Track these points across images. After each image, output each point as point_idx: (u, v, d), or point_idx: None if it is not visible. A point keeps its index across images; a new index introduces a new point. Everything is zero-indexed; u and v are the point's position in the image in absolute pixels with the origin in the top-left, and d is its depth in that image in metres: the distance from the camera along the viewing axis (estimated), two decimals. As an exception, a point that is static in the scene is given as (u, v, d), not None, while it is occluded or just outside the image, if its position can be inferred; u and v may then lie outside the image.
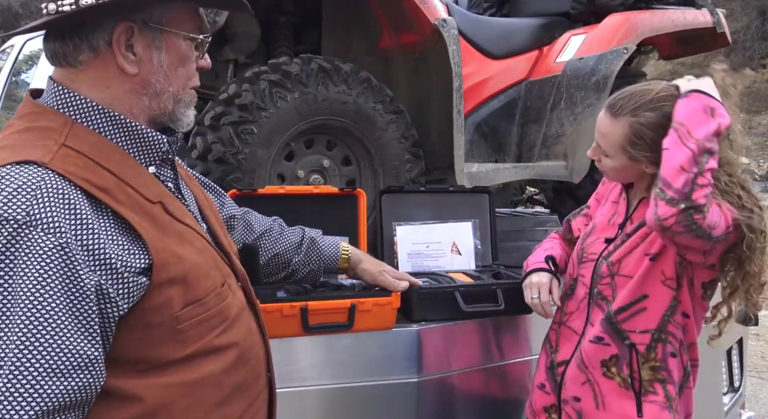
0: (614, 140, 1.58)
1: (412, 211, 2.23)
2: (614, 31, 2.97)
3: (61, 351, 0.85)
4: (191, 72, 1.10)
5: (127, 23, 1.00)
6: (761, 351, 5.34)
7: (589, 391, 1.65)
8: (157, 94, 1.05)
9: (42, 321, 0.84)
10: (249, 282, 1.22)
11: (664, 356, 1.60)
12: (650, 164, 1.55)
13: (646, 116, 1.54)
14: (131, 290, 0.93)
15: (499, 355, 1.98)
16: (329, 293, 1.79)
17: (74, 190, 0.91)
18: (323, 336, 1.73)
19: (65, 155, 0.94)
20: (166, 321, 0.97)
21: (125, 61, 1.01)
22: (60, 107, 1.00)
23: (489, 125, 3.00)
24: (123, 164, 1.00)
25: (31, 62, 3.79)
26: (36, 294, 0.84)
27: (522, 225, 3.33)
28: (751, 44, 15.86)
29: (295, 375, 1.70)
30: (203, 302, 1.02)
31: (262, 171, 2.24)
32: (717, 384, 2.70)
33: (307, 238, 1.70)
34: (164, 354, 0.98)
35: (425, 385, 1.82)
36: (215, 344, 1.04)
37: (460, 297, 1.87)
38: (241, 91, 2.23)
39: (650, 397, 1.60)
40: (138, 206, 0.97)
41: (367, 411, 1.80)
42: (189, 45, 1.08)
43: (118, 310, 0.92)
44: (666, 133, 1.47)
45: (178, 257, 0.99)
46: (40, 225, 0.86)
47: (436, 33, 2.47)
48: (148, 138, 1.05)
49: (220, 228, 1.21)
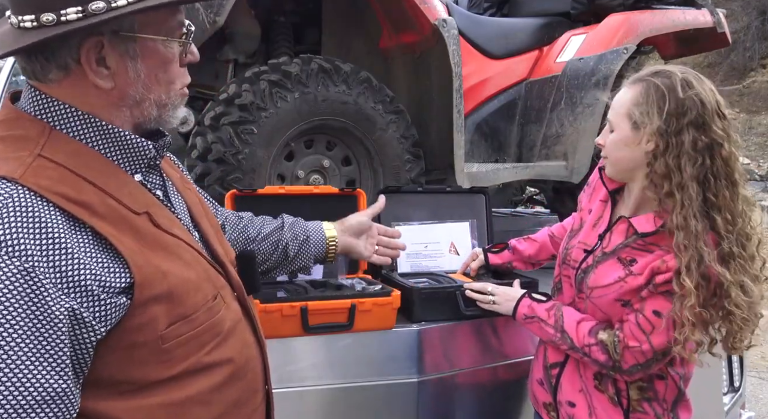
0: (622, 105, 1.52)
1: (411, 211, 2.23)
2: (614, 31, 2.97)
3: (23, 387, 0.79)
4: (174, 75, 1.01)
5: (95, 38, 0.91)
6: (761, 351, 5.34)
7: (584, 400, 1.64)
8: (138, 103, 0.98)
9: (2, 354, 0.78)
10: (245, 292, 1.14)
11: (650, 378, 1.59)
12: (651, 137, 1.46)
13: (660, 79, 1.48)
14: (109, 312, 0.86)
15: (499, 355, 1.98)
16: (329, 294, 1.79)
17: (46, 206, 0.84)
18: (323, 336, 1.73)
19: (39, 167, 0.87)
20: (150, 341, 0.91)
21: (97, 78, 0.93)
22: (38, 114, 0.93)
23: (489, 125, 3.00)
24: (105, 174, 0.93)
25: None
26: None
27: (522, 225, 3.33)
28: (751, 44, 15.86)
29: (295, 375, 1.70)
30: (191, 318, 0.96)
31: (262, 171, 2.24)
32: (717, 384, 2.70)
33: (285, 218, 1.64)
34: (148, 375, 0.92)
35: (425, 385, 1.82)
36: (205, 361, 0.98)
37: (460, 298, 1.87)
38: (241, 91, 2.23)
39: (638, 416, 1.59)
40: (120, 219, 0.91)
41: (367, 411, 1.80)
42: (168, 46, 0.98)
43: (95, 334, 0.86)
44: (678, 106, 1.42)
45: (162, 273, 0.92)
46: (4, 248, 0.79)
47: (436, 33, 2.47)
48: (133, 144, 0.97)
49: (215, 235, 1.15)
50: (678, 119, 1.44)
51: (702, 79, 1.50)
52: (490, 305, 1.83)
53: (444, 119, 2.58)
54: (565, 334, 1.63)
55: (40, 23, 0.89)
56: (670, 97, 1.45)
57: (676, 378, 1.59)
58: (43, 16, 0.88)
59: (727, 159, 1.44)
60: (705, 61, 16.46)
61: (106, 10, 0.89)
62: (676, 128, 1.44)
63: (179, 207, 1.09)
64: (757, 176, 13.33)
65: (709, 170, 1.43)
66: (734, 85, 16.48)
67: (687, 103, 1.44)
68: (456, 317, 1.89)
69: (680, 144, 1.43)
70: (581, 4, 3.17)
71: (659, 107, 1.45)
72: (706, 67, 16.79)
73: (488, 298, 1.84)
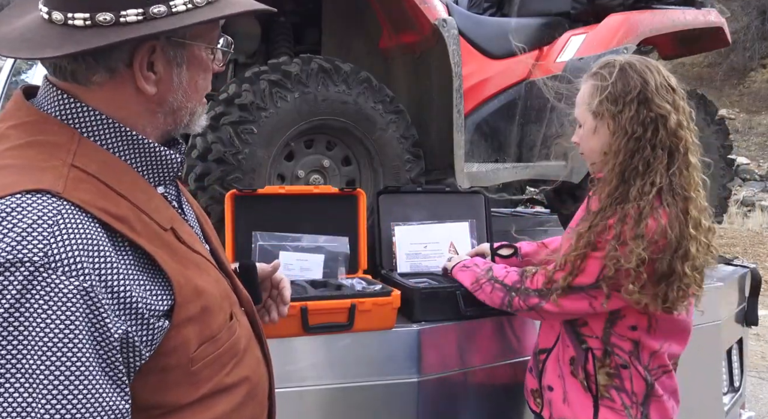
0: (582, 100, 1.66)
1: (410, 211, 2.23)
2: (614, 31, 2.97)
3: (93, 408, 0.75)
4: (209, 81, 0.99)
5: (151, 43, 0.88)
6: (761, 351, 5.34)
7: (560, 384, 1.69)
8: (174, 111, 0.95)
9: (70, 376, 0.74)
10: (254, 307, 1.12)
11: (615, 365, 1.62)
12: (608, 121, 1.59)
13: (607, 69, 1.62)
14: (155, 336, 0.83)
15: (498, 355, 1.98)
16: (329, 293, 1.79)
17: (92, 223, 0.79)
18: (323, 336, 1.73)
19: (77, 180, 0.81)
20: (183, 363, 0.88)
21: (145, 82, 0.89)
22: (64, 118, 0.87)
23: (489, 125, 3.00)
24: (134, 187, 0.88)
25: (31, 62, 3.78)
26: (60, 346, 0.73)
27: (522, 225, 3.33)
28: (751, 44, 15.86)
29: (295, 375, 1.70)
30: (216, 338, 0.93)
31: (262, 171, 2.24)
32: (717, 384, 2.70)
33: None
34: (178, 398, 0.89)
35: (425, 385, 1.82)
36: (226, 382, 0.95)
37: (461, 298, 1.87)
38: (241, 91, 2.23)
39: (606, 402, 1.62)
40: (155, 236, 0.86)
41: (367, 411, 1.80)
42: (209, 55, 0.97)
43: (140, 359, 0.82)
44: (623, 87, 1.56)
45: (198, 291, 0.89)
46: (61, 267, 0.74)
47: (436, 33, 2.47)
48: (161, 157, 0.93)
49: (220, 248, 1.11)
50: (624, 99, 1.57)
51: (646, 60, 1.63)
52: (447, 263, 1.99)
53: (444, 119, 2.58)
54: (490, 270, 1.79)
55: (95, 22, 0.84)
56: (617, 82, 1.58)
57: (640, 370, 1.61)
58: (100, 16, 0.83)
59: (675, 130, 1.55)
60: (705, 61, 16.46)
61: (167, 14, 0.86)
62: (623, 107, 1.57)
63: (191, 217, 1.06)
64: (757, 176, 13.32)
65: (651, 141, 1.55)
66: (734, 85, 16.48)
67: (630, 83, 1.57)
68: (456, 317, 1.88)
69: (627, 120, 1.56)
70: (581, 4, 3.18)
71: (609, 92, 1.59)
72: (706, 67, 16.80)
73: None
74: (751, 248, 8.79)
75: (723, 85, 16.39)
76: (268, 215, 1.97)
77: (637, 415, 1.61)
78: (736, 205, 10.98)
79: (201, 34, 0.94)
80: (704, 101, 3.24)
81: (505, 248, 2.05)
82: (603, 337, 1.61)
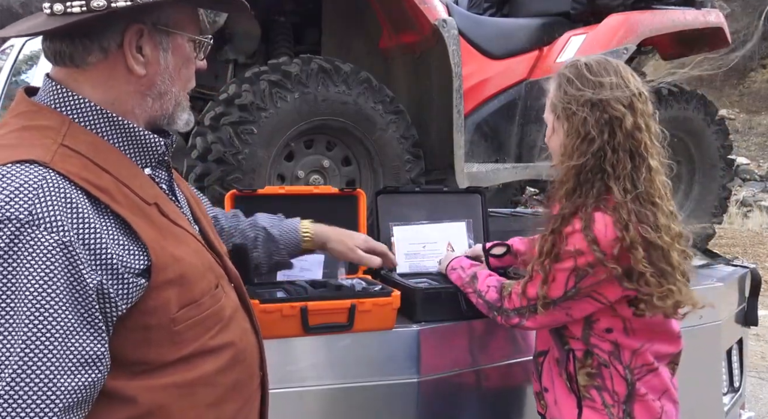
0: (548, 101, 1.68)
1: (408, 211, 2.24)
2: (614, 31, 2.97)
3: (68, 349, 0.85)
4: (191, 73, 1.12)
5: (138, 26, 1.01)
6: (761, 351, 5.35)
7: (552, 386, 1.71)
8: (161, 95, 1.07)
9: (48, 319, 0.84)
10: (242, 283, 1.22)
11: (597, 364, 1.62)
12: (566, 120, 1.59)
13: (567, 69, 1.63)
14: (130, 290, 0.93)
15: (499, 355, 1.98)
16: (329, 294, 1.79)
17: (75, 189, 0.91)
18: (323, 336, 1.73)
19: (64, 155, 0.93)
20: (163, 323, 0.97)
21: (135, 63, 1.02)
22: (58, 107, 1.00)
23: (489, 125, 3.00)
24: (120, 165, 1.00)
25: (31, 62, 3.79)
26: (40, 292, 0.84)
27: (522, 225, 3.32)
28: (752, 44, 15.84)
29: (295, 375, 1.70)
30: (199, 303, 1.03)
31: (262, 171, 2.24)
32: (717, 384, 2.70)
33: (260, 232, 1.65)
34: (161, 356, 0.98)
35: (425, 385, 1.82)
36: (210, 345, 1.04)
37: (462, 298, 1.87)
38: (241, 91, 2.23)
39: (588, 402, 1.63)
40: (135, 207, 0.97)
41: (367, 412, 1.80)
42: (191, 47, 1.10)
43: (117, 310, 0.92)
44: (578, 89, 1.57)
45: (175, 258, 0.99)
46: (43, 224, 0.85)
47: (436, 33, 2.47)
48: (144, 140, 1.05)
49: (211, 230, 1.22)
50: (578, 100, 1.57)
51: (606, 61, 1.62)
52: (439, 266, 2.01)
53: (444, 119, 2.58)
54: (474, 279, 1.80)
55: (89, 8, 0.96)
56: (573, 83, 1.59)
57: (620, 369, 1.61)
58: (94, 2, 0.96)
59: (631, 132, 1.54)
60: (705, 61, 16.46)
61: (152, 1, 1.00)
62: (576, 108, 1.57)
63: (182, 202, 1.17)
64: (757, 176, 13.33)
65: (609, 143, 1.54)
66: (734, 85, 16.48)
67: (586, 84, 1.57)
68: (457, 317, 1.88)
69: (580, 121, 1.56)
70: (581, 4, 3.17)
71: (565, 92, 1.60)
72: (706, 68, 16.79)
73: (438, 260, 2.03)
74: (751, 248, 8.80)
75: (723, 85, 16.39)
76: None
77: (618, 414, 1.61)
78: (736, 205, 10.98)
79: (182, 26, 1.07)
80: (704, 101, 3.24)
81: (497, 247, 2.03)
82: (583, 337, 1.62)
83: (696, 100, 3.16)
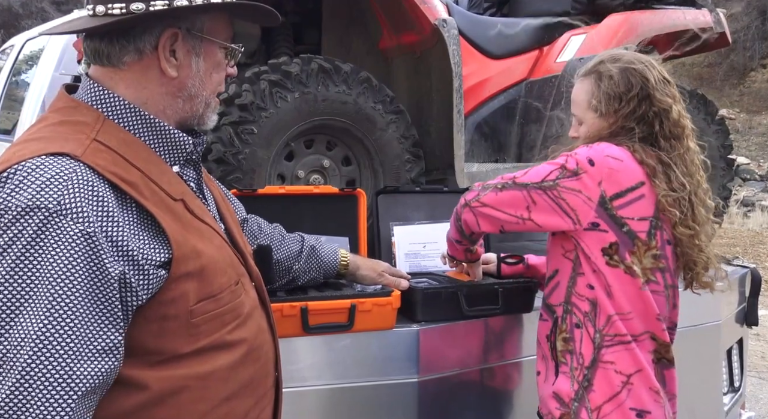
0: (582, 99, 1.70)
1: (408, 211, 2.24)
2: (614, 31, 2.97)
3: (85, 336, 0.89)
4: (222, 78, 1.16)
5: (173, 30, 1.06)
6: (761, 351, 5.35)
7: (543, 365, 1.73)
8: (191, 98, 1.11)
9: (68, 304, 0.88)
10: (262, 282, 1.25)
11: (570, 327, 1.65)
12: (613, 119, 1.64)
13: (607, 66, 1.66)
14: (151, 281, 0.96)
15: (498, 355, 1.98)
16: (329, 294, 1.79)
17: (102, 183, 0.95)
18: (323, 336, 1.73)
19: (96, 149, 0.98)
20: (181, 314, 1.00)
21: (168, 65, 1.07)
22: (94, 104, 1.05)
23: (489, 125, 3.00)
24: (149, 162, 1.04)
25: (31, 62, 3.79)
26: (63, 278, 0.88)
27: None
28: (752, 44, 15.87)
29: (295, 375, 1.70)
30: (217, 298, 1.06)
31: (262, 171, 2.24)
32: (717, 384, 2.70)
33: (307, 246, 1.71)
34: (177, 347, 1.01)
35: (425, 385, 1.82)
36: (227, 339, 1.07)
37: (463, 298, 1.87)
38: (241, 91, 2.23)
39: (563, 367, 1.66)
40: (161, 202, 1.01)
41: (367, 411, 1.80)
42: (223, 53, 1.14)
43: (137, 299, 0.95)
44: (626, 86, 1.62)
45: (197, 252, 1.02)
46: (70, 214, 0.90)
47: (436, 33, 2.47)
48: (174, 138, 1.09)
49: (236, 229, 1.26)
50: (626, 96, 1.63)
51: (641, 56, 1.69)
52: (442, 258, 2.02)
53: (444, 119, 2.58)
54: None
55: (129, 11, 1.03)
56: (618, 81, 1.63)
57: (590, 331, 1.61)
58: (133, 5, 1.03)
59: (677, 120, 1.63)
60: (705, 61, 16.47)
61: (187, 5, 1.06)
62: (625, 104, 1.63)
63: (209, 200, 1.22)
64: (757, 176, 13.33)
65: (660, 133, 1.62)
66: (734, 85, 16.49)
67: (632, 80, 1.63)
68: (458, 317, 1.88)
69: (627, 115, 1.63)
70: (581, 4, 3.18)
71: (612, 91, 1.64)
72: (706, 67, 16.81)
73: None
74: (751, 248, 8.80)
75: (723, 85, 16.39)
76: (268, 216, 1.97)
77: (579, 377, 1.61)
78: (736, 205, 10.99)
79: (216, 33, 1.12)
80: (704, 101, 3.24)
81: (511, 257, 2.04)
82: (565, 297, 1.66)
83: (696, 100, 3.16)
